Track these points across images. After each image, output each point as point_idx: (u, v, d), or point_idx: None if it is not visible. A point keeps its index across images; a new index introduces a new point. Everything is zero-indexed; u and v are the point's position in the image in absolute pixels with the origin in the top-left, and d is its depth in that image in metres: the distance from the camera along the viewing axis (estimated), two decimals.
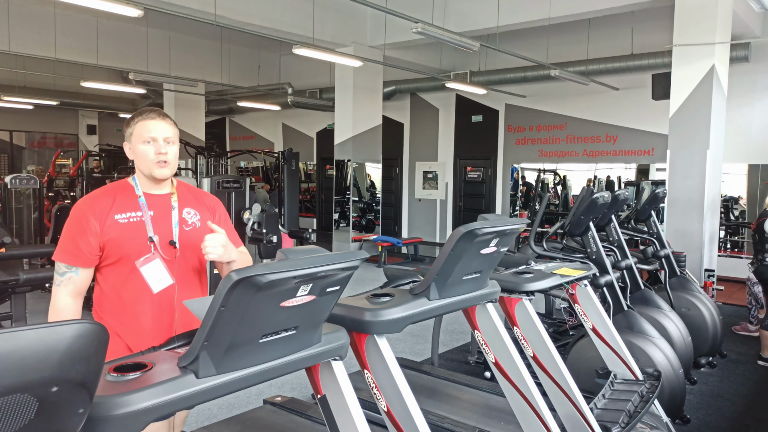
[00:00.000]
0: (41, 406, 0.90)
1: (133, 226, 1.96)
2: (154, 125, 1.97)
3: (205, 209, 2.13)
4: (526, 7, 8.03)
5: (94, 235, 1.91)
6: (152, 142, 1.96)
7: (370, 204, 11.28)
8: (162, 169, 1.98)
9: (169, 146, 1.99)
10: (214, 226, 1.98)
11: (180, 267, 2.01)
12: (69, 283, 1.93)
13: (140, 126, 1.96)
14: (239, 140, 16.09)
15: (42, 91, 12.76)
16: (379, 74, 10.47)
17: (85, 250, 1.92)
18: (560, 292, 3.75)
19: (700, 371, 4.82)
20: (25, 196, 7.89)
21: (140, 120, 1.97)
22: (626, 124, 9.80)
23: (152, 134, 1.96)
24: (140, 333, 1.95)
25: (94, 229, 1.91)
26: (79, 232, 1.92)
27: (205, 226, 2.09)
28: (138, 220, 1.97)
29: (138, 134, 1.97)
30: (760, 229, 5.08)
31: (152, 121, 1.97)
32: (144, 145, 1.96)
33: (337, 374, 1.62)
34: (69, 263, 1.93)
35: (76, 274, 1.93)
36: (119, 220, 1.94)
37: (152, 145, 1.96)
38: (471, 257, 2.08)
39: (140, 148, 1.96)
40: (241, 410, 3.67)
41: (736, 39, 7.79)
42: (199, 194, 2.19)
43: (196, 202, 2.12)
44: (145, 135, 1.96)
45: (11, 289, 4.00)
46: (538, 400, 2.30)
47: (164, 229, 2.00)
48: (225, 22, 7.42)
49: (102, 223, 1.92)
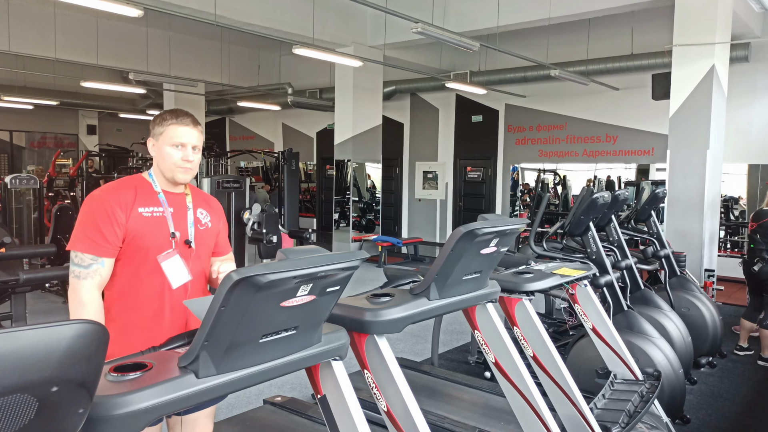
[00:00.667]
0: (41, 406, 0.90)
1: (156, 221, 1.96)
2: (185, 132, 1.98)
3: (214, 212, 2.18)
4: (526, 7, 8.02)
5: (120, 226, 1.89)
6: (180, 147, 1.98)
7: (370, 204, 11.28)
8: (185, 174, 2.01)
9: (195, 153, 2.01)
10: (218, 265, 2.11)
11: (194, 265, 2.03)
12: (96, 274, 1.88)
13: (172, 129, 1.97)
14: (239, 140, 16.09)
15: (42, 91, 12.76)
16: (379, 74, 10.47)
17: (111, 240, 1.88)
18: (560, 292, 3.75)
19: (700, 371, 4.82)
20: (25, 195, 7.90)
21: (173, 123, 1.97)
22: (626, 124, 9.80)
23: (183, 140, 1.98)
24: (159, 328, 1.94)
25: (120, 220, 1.89)
26: (105, 221, 1.88)
27: (215, 227, 2.16)
28: (160, 215, 1.97)
29: (168, 136, 1.97)
30: (764, 228, 5.03)
31: (185, 127, 1.98)
32: (171, 149, 1.97)
33: (337, 374, 1.62)
34: (95, 254, 1.88)
35: (103, 266, 1.89)
36: (143, 213, 1.94)
37: (180, 150, 1.98)
38: (471, 257, 2.08)
39: (167, 150, 1.98)
40: (241, 410, 3.67)
41: (736, 39, 7.79)
42: (207, 197, 2.24)
43: (206, 204, 2.17)
44: (175, 139, 1.97)
45: (11, 289, 4.00)
46: (538, 400, 2.30)
47: (181, 227, 2.02)
48: (225, 22, 7.43)
49: (127, 215, 1.91)
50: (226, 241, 2.26)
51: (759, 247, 5.05)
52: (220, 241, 2.20)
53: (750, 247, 5.19)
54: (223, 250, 2.23)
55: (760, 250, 5.05)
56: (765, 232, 5.02)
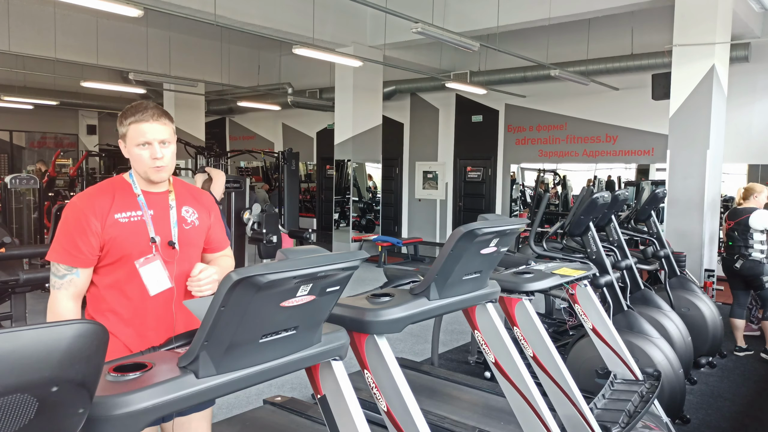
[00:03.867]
0: (41, 406, 0.90)
1: (134, 226, 1.89)
2: (148, 128, 1.87)
3: (202, 207, 2.09)
4: (526, 7, 8.02)
5: (94, 235, 1.84)
6: (147, 145, 1.89)
7: (370, 204, 11.27)
8: (159, 173, 1.92)
9: (165, 148, 1.91)
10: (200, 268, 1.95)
11: (180, 267, 1.96)
12: (70, 285, 1.85)
13: (134, 128, 1.88)
14: (239, 140, 16.09)
15: (42, 91, 12.75)
16: (379, 74, 10.47)
17: (86, 250, 1.84)
18: (560, 292, 3.75)
19: (700, 371, 4.82)
20: (25, 195, 7.89)
21: (133, 122, 1.88)
22: (626, 124, 9.80)
23: (147, 137, 1.88)
24: (143, 332, 1.91)
25: (95, 229, 1.84)
26: (79, 231, 1.84)
27: (204, 224, 2.06)
28: (138, 219, 1.90)
29: (132, 137, 1.89)
30: (742, 225, 5.12)
31: (146, 123, 1.87)
32: (139, 149, 1.89)
33: (337, 374, 1.62)
34: (69, 264, 1.85)
35: (77, 276, 1.86)
36: (120, 219, 1.87)
37: (147, 149, 1.89)
38: (471, 257, 2.08)
39: (135, 152, 1.90)
40: (241, 410, 3.67)
41: (736, 39, 7.79)
42: (196, 192, 2.15)
43: (193, 200, 2.08)
44: (139, 138, 1.88)
45: (11, 289, 4.00)
46: (538, 400, 2.30)
47: (164, 229, 1.95)
48: (225, 22, 7.42)
49: (103, 223, 1.85)
50: (222, 236, 2.17)
51: (737, 244, 5.17)
52: (213, 237, 2.12)
53: (728, 244, 5.29)
54: (219, 245, 2.15)
55: (738, 247, 5.16)
56: (742, 229, 5.14)
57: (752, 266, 5.08)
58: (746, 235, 5.12)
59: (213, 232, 2.12)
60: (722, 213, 7.29)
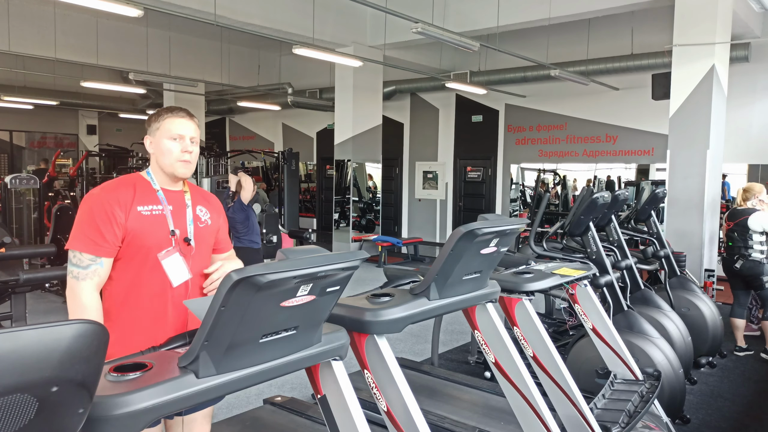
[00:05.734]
0: (41, 406, 0.90)
1: (156, 219, 1.95)
2: (181, 123, 1.98)
3: (213, 209, 2.17)
4: (526, 7, 8.02)
5: (119, 225, 1.87)
6: (179, 139, 1.97)
7: (370, 204, 11.27)
8: (185, 168, 2.00)
9: (193, 145, 2.01)
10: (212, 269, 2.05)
11: (194, 263, 2.02)
12: (94, 275, 1.86)
13: (168, 122, 1.97)
14: (239, 140, 16.09)
15: (42, 91, 12.75)
16: (379, 74, 10.47)
17: (110, 239, 1.86)
18: (560, 292, 3.75)
19: (700, 371, 4.82)
20: (25, 195, 7.89)
21: (169, 116, 1.98)
22: (626, 124, 9.80)
23: (180, 132, 1.97)
24: (161, 327, 1.92)
25: (120, 219, 1.87)
26: (104, 220, 1.86)
27: (215, 224, 2.14)
28: (159, 213, 1.96)
29: (165, 130, 1.97)
30: (741, 226, 5.14)
31: (181, 119, 1.99)
32: (170, 142, 1.97)
33: (337, 374, 1.62)
34: (94, 254, 1.85)
35: (101, 266, 1.87)
36: (142, 211, 1.92)
37: (178, 143, 1.97)
38: (471, 257, 2.08)
39: (165, 144, 1.97)
40: (241, 410, 3.67)
41: (736, 39, 7.79)
42: (205, 194, 2.23)
43: (205, 201, 2.15)
44: (173, 131, 1.97)
45: (11, 289, 4.00)
46: (538, 400, 2.30)
47: (180, 225, 2.01)
48: (225, 22, 7.43)
49: (126, 214, 1.89)
50: (227, 238, 2.26)
51: (737, 244, 5.19)
52: (221, 238, 2.20)
53: (728, 245, 5.30)
54: (224, 247, 2.22)
55: (738, 248, 5.18)
56: (742, 230, 5.16)
57: (752, 266, 5.09)
58: (746, 236, 5.13)
59: (222, 233, 2.21)
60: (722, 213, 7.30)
